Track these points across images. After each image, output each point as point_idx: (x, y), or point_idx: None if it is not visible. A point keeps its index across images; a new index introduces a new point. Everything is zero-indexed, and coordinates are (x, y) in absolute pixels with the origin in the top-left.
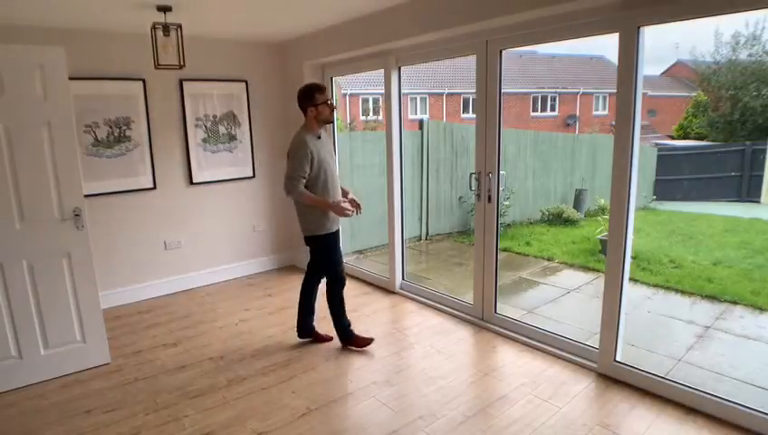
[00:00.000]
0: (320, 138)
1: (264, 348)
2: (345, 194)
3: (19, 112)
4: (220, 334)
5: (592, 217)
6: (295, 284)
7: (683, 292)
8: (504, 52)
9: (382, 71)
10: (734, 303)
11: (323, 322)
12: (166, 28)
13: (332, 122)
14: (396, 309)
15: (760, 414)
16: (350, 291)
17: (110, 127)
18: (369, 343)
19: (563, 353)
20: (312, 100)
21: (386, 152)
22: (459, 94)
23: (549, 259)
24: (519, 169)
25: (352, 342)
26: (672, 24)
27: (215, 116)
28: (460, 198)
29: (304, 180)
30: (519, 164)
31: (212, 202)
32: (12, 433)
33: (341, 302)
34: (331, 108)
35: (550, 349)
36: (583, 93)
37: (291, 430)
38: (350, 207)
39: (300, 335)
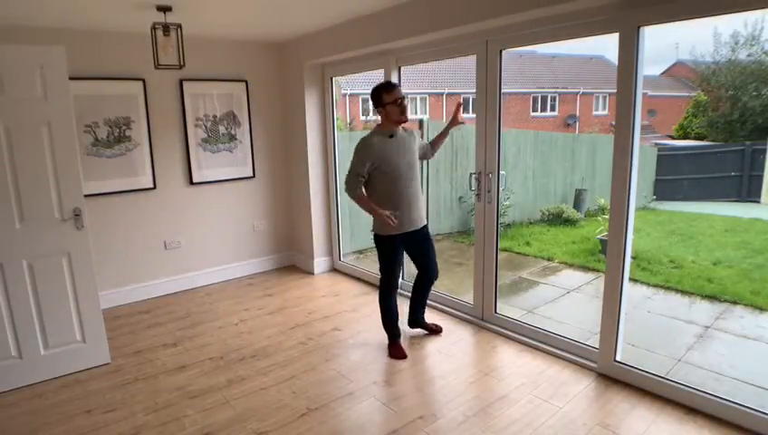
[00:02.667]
0: (392, 136)
1: (263, 348)
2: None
3: (19, 112)
4: (220, 334)
5: (592, 217)
6: (295, 283)
7: (683, 292)
8: (504, 52)
9: (382, 71)
10: (734, 303)
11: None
12: (166, 28)
13: (404, 123)
14: None
15: (760, 414)
16: (350, 291)
17: (110, 127)
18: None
19: (563, 353)
20: (379, 101)
21: None
22: (459, 94)
23: (549, 259)
24: (519, 169)
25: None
26: (672, 23)
27: (215, 116)
28: (460, 198)
29: (363, 180)
30: (519, 164)
31: (212, 202)
32: (12, 433)
33: (386, 309)
34: (402, 108)
35: (550, 349)
36: (583, 93)
37: (291, 430)
38: (392, 222)
39: (411, 326)
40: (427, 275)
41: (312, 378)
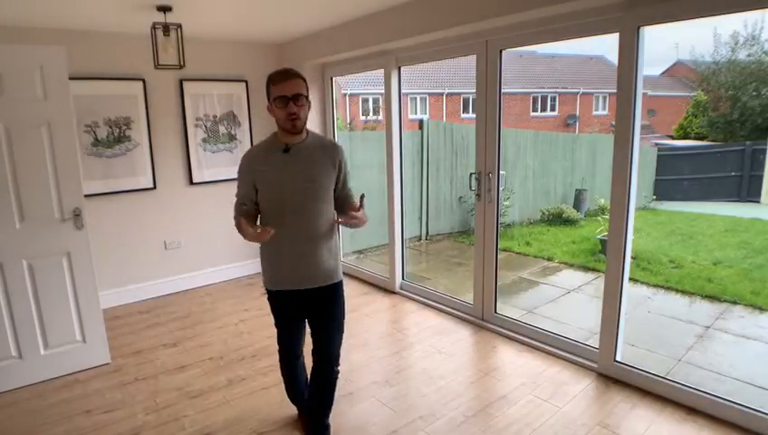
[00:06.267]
0: (287, 150)
1: (263, 348)
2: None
3: (19, 112)
4: (220, 334)
5: (592, 217)
6: None
7: (683, 292)
8: (504, 52)
9: (382, 71)
10: (734, 303)
11: None
12: (166, 28)
13: (290, 132)
14: (396, 309)
15: (760, 414)
16: (351, 291)
17: (110, 127)
18: None
19: (563, 353)
20: (268, 94)
21: (386, 152)
22: (459, 94)
23: (549, 259)
24: (519, 169)
25: None
26: (672, 23)
27: (215, 116)
28: (460, 198)
29: (245, 207)
30: (519, 164)
31: (212, 202)
32: (12, 433)
33: (292, 380)
34: (288, 113)
35: (550, 349)
36: (583, 93)
37: (290, 431)
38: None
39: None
40: (317, 358)
41: None
